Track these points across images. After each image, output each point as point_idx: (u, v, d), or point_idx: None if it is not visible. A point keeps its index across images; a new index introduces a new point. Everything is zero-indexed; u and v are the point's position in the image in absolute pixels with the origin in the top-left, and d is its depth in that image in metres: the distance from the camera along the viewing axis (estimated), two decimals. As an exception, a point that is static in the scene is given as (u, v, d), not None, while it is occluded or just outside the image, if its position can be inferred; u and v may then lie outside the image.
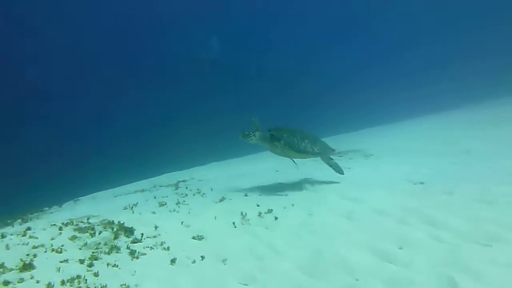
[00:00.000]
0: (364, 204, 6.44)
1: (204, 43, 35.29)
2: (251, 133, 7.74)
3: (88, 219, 6.30)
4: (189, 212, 6.76)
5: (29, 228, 5.71)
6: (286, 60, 43.42)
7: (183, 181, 10.81)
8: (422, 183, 7.45)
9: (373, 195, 6.92)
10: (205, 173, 12.21)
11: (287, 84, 38.97)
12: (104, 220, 6.25)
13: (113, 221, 6.02)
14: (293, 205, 6.81)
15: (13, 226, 7.58)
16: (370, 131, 19.31)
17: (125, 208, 7.45)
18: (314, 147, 8.03)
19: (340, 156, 11.84)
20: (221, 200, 7.45)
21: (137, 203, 7.70)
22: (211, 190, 8.56)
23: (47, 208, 10.15)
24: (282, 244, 5.17)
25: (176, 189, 9.31)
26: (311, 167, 10.62)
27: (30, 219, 8.48)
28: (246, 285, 4.29)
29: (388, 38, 49.60)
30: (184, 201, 7.52)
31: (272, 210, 6.50)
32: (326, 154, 8.66)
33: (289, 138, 7.78)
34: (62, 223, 5.94)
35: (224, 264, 4.74)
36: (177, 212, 6.86)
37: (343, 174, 8.51)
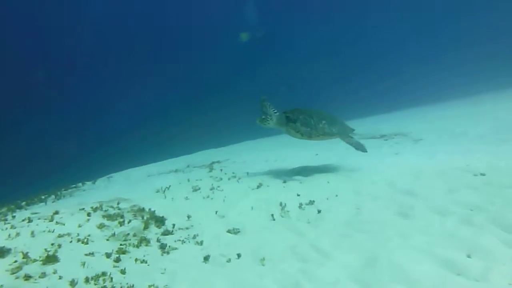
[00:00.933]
0: (421, 200, 5.66)
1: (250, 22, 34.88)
2: (268, 117, 7.45)
3: (118, 204, 5.97)
4: (224, 200, 6.29)
5: (57, 212, 5.41)
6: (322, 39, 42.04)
7: (218, 162, 10.37)
8: (483, 174, 6.58)
9: (430, 188, 6.13)
10: (240, 154, 11.74)
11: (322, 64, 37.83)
12: (134, 206, 5.90)
13: (143, 208, 5.65)
14: (337, 195, 6.17)
15: (45, 204, 7.47)
16: (411, 112, 18.10)
17: (158, 192, 7.10)
18: (332, 128, 7.68)
19: (385, 140, 10.99)
20: (258, 187, 6.92)
21: (169, 186, 7.33)
22: (247, 174, 8.05)
23: (81, 184, 10.07)
24: (328, 244, 4.57)
25: (210, 171, 8.89)
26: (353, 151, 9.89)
27: (63, 196, 8.38)
28: (288, 292, 3.78)
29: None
30: (218, 187, 7.05)
31: (314, 201, 5.90)
32: (345, 134, 8.12)
33: (306, 120, 7.48)
34: (92, 208, 5.63)
35: (263, 265, 4.22)
36: (211, 199, 6.40)
37: (366, 151, 7.88)
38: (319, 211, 5.50)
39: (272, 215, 5.45)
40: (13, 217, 5.61)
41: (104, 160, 19.30)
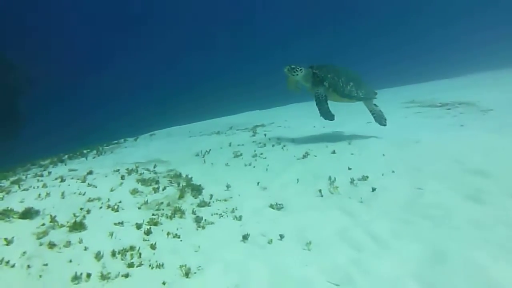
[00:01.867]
0: (495, 181, 4.82)
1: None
2: (297, 67, 6.82)
3: (155, 167, 5.63)
4: (266, 169, 5.75)
5: (91, 172, 5.16)
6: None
7: (262, 125, 9.80)
8: None
9: (505, 167, 5.23)
10: (286, 117, 11.08)
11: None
12: (171, 170, 5.53)
13: (180, 173, 5.25)
14: (393, 171, 5.43)
15: (86, 159, 7.35)
16: (477, 78, 16.29)
17: (197, 155, 6.69)
18: (359, 91, 7.09)
19: (448, 109, 9.84)
20: (304, 157, 6.30)
21: (210, 150, 6.89)
22: (293, 141, 7.43)
23: (122, 141, 9.96)
24: (385, 230, 3.93)
25: (253, 135, 8.35)
26: (411, 118, 8.94)
27: (104, 152, 8.24)
28: (338, 286, 3.25)
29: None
30: (261, 154, 6.51)
31: (367, 177, 5.22)
32: (370, 99, 7.47)
33: (334, 80, 6.88)
34: (127, 170, 5.33)
35: (308, 250, 3.68)
36: (254, 167, 5.88)
37: (385, 125, 7.43)
38: (373, 189, 4.83)
39: (320, 190, 4.85)
40: (49, 173, 5.45)
41: (153, 117, 19.49)
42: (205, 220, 4.05)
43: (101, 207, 4.08)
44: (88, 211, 3.94)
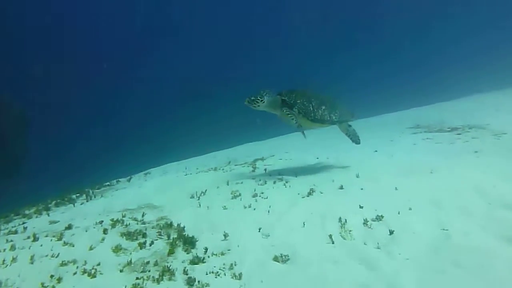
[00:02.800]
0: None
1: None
2: (258, 97, 6.51)
3: (143, 215, 5.03)
4: (268, 211, 5.14)
5: (70, 227, 4.56)
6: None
7: (261, 159, 9.24)
8: None
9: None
10: (286, 149, 10.54)
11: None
12: (162, 218, 4.93)
13: (171, 222, 4.64)
14: (410, 209, 4.84)
15: (74, 205, 6.78)
16: (483, 99, 15.85)
17: (192, 197, 6.10)
18: (333, 115, 6.90)
19: (458, 134, 9.32)
20: (309, 194, 5.71)
21: (206, 190, 6.30)
22: (296, 176, 6.85)
23: (115, 182, 9.39)
24: (413, 284, 3.32)
25: (253, 170, 7.78)
26: (421, 145, 8.40)
27: (94, 196, 7.67)
28: None
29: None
30: (262, 193, 5.91)
31: (382, 216, 4.62)
32: (345, 122, 7.29)
33: (304, 105, 6.66)
34: (112, 220, 4.72)
35: (324, 318, 3.07)
36: (254, 209, 5.28)
37: (359, 143, 7.38)
38: (391, 232, 4.23)
39: (331, 236, 4.24)
40: (24, 228, 4.86)
41: (149, 154, 19.04)
42: (199, 281, 3.42)
43: (75, 273, 3.46)
44: (60, 279, 3.32)
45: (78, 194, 8.37)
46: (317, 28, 39.37)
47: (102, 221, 4.70)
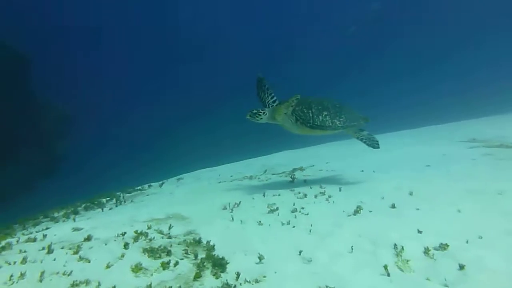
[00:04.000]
0: None
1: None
2: (260, 110, 6.27)
3: (170, 228, 4.53)
4: (310, 231, 4.50)
5: (89, 238, 4.12)
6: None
7: (300, 169, 8.61)
8: None
9: None
10: (326, 158, 9.86)
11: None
12: (190, 233, 4.41)
13: (200, 239, 4.10)
14: (481, 237, 4.05)
15: (102, 210, 6.46)
16: None
17: (224, 208, 5.57)
18: (336, 120, 6.51)
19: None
20: (356, 212, 5.01)
21: (240, 202, 5.75)
22: (339, 190, 6.16)
23: (147, 187, 9.07)
24: None
25: (292, 181, 7.15)
26: (481, 161, 7.46)
27: (124, 201, 7.35)
28: None
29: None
30: (302, 208, 5.28)
31: (447, 245, 3.85)
32: (353, 127, 6.80)
33: (303, 112, 6.38)
34: (135, 233, 4.26)
35: None
36: (293, 227, 4.65)
37: (378, 147, 6.80)
38: (461, 266, 3.48)
39: (386, 267, 3.54)
40: (44, 236, 4.48)
41: (185, 157, 18.91)
42: (228, 317, 2.85)
43: (86, 296, 3.00)
44: (67, 304, 2.87)
45: (108, 198, 8.11)
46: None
47: (125, 233, 4.25)
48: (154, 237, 4.12)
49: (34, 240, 4.30)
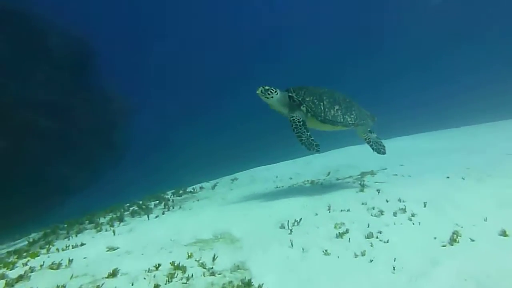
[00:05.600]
0: None
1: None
2: (272, 88, 5.77)
3: (215, 259, 3.69)
4: (394, 268, 3.41)
5: (114, 274, 3.38)
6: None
7: (370, 173, 7.41)
8: None
9: None
10: (401, 159, 8.53)
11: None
12: (238, 267, 3.53)
13: (250, 281, 3.19)
14: None
15: (148, 218, 5.85)
16: None
17: (282, 227, 4.62)
18: (347, 116, 6.04)
19: None
20: (453, 241, 3.80)
21: (300, 219, 4.77)
22: (424, 205, 4.94)
23: (198, 188, 8.45)
24: None
25: (361, 190, 5.99)
26: None
27: (173, 206, 6.76)
28: None
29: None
30: (379, 232, 4.16)
31: None
32: (361, 125, 6.28)
33: (314, 103, 5.83)
34: (172, 265, 3.46)
35: None
36: (370, 261, 3.58)
37: (384, 153, 6.43)
38: None
39: None
40: (70, 262, 3.86)
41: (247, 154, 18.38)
42: None
43: None
44: None
45: (157, 201, 7.57)
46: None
47: (159, 266, 3.46)
48: (193, 274, 3.29)
49: (58, 267, 3.69)
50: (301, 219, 4.75)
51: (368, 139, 6.44)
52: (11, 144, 19.21)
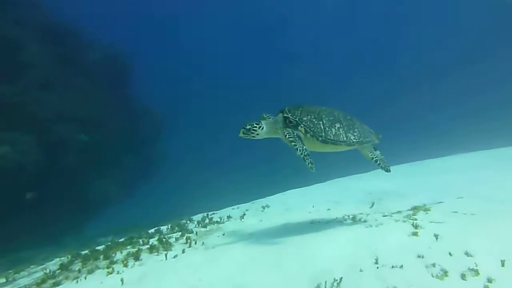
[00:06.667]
0: None
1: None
2: (254, 125, 5.37)
3: None
4: None
5: None
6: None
7: (423, 208, 6.24)
8: None
9: None
10: (457, 190, 7.35)
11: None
12: None
13: None
14: None
15: (166, 258, 5.16)
16: None
17: (317, 288, 3.75)
18: (350, 135, 5.51)
19: None
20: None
21: (341, 278, 3.84)
22: (502, 264, 3.83)
23: (226, 218, 7.70)
24: None
25: (415, 234, 4.86)
26: None
27: (195, 242, 6.06)
28: None
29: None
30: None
31: None
32: (368, 143, 5.80)
33: (312, 123, 5.36)
34: None
35: None
36: None
37: (390, 171, 5.83)
38: None
39: None
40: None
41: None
42: None
43: None
44: None
45: (180, 234, 6.89)
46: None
47: None
48: None
49: None
50: (341, 278, 3.82)
51: (375, 158, 5.88)
52: (49, 158, 19.44)
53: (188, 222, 8.72)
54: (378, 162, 5.90)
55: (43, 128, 19.45)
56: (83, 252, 7.98)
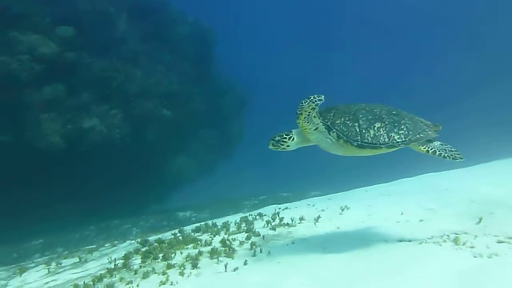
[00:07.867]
0: None
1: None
2: (283, 135, 4.85)
3: None
4: None
5: None
6: None
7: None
8: None
9: None
10: None
11: None
12: None
13: None
14: None
15: (225, 269, 4.57)
16: None
17: None
18: (394, 134, 4.70)
19: None
20: None
21: None
22: None
23: (298, 220, 6.89)
24: None
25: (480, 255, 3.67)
26: None
27: (261, 250, 5.35)
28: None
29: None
30: None
31: None
32: (419, 140, 4.74)
33: (346, 125, 4.70)
34: None
35: None
36: None
37: (461, 159, 4.67)
38: None
39: None
40: None
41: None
42: None
43: None
44: None
45: (245, 236, 6.27)
46: None
47: None
48: None
49: None
50: None
51: (432, 150, 4.79)
52: (134, 132, 20.21)
53: (257, 217, 8.11)
54: (440, 153, 4.73)
55: (129, 102, 20.15)
56: (150, 239, 7.83)
